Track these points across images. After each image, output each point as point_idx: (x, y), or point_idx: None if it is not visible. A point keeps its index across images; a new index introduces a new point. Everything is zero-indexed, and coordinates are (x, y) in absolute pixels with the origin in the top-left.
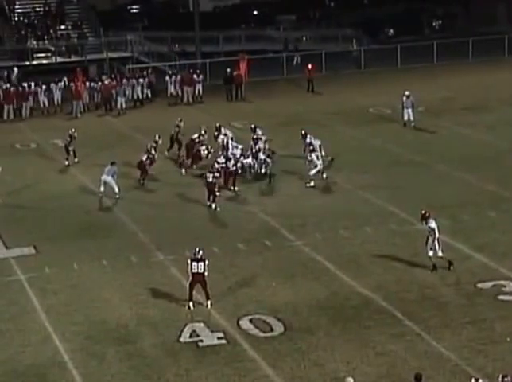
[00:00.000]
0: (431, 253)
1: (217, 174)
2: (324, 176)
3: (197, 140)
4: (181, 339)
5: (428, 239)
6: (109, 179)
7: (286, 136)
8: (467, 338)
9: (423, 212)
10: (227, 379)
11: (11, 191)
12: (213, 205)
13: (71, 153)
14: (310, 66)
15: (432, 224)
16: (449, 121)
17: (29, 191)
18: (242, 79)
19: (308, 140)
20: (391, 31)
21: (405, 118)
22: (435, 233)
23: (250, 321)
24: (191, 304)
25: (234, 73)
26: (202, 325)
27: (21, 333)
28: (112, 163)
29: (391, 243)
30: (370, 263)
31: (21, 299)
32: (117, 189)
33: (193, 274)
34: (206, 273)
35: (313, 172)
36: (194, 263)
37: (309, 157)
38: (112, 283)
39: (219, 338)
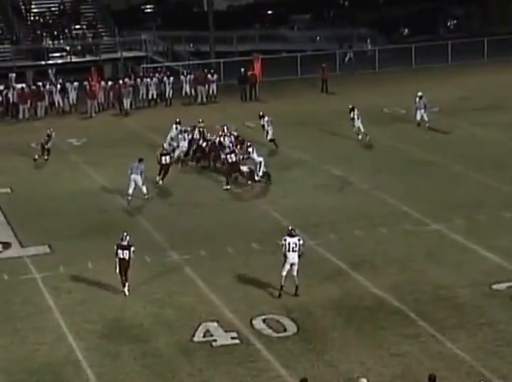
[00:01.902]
0: (283, 272)
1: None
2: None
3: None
4: (195, 338)
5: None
6: (138, 178)
7: (300, 136)
8: (483, 339)
9: (290, 228)
10: (240, 379)
11: (26, 190)
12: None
13: (46, 151)
14: (323, 66)
15: (291, 240)
16: (464, 121)
17: (44, 190)
18: (256, 79)
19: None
20: (406, 31)
21: (418, 118)
22: (284, 249)
23: (264, 321)
24: (125, 289)
25: (249, 73)
26: (216, 324)
27: (35, 331)
28: (140, 160)
29: (406, 243)
30: (385, 264)
31: (36, 298)
32: (145, 190)
33: (119, 259)
34: (131, 260)
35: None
36: (119, 250)
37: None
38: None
39: (232, 338)
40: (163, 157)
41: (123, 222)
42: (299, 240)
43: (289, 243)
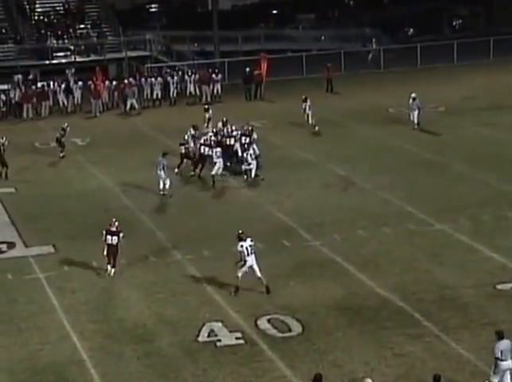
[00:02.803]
0: (239, 274)
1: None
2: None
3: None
4: (199, 338)
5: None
6: (163, 174)
7: (304, 136)
8: (487, 339)
9: (240, 232)
10: (245, 379)
11: (31, 189)
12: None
13: (63, 145)
14: (329, 66)
15: (245, 244)
16: (469, 121)
17: (48, 190)
18: (262, 78)
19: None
20: (411, 30)
21: (412, 119)
22: (244, 255)
23: (268, 321)
24: (109, 267)
25: (255, 72)
26: (220, 324)
27: (39, 331)
28: (164, 154)
29: (410, 243)
30: (389, 264)
31: (40, 298)
32: (168, 185)
33: (108, 245)
34: (119, 245)
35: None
36: (108, 236)
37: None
38: (130, 282)
39: (236, 338)
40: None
41: (127, 221)
42: (251, 241)
43: (247, 248)
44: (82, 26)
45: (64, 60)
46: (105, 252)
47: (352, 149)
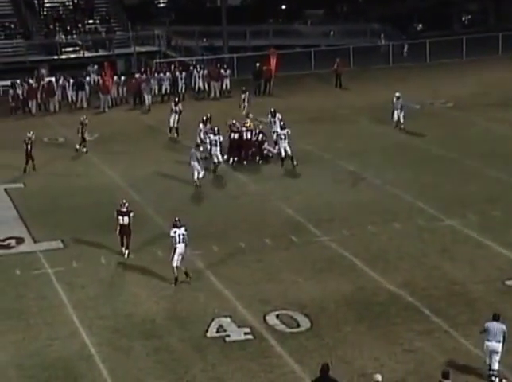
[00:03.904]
0: (174, 264)
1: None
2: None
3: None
4: (208, 334)
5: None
6: (196, 164)
7: (313, 131)
8: None
9: (176, 218)
10: (253, 374)
11: (39, 185)
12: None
13: (85, 139)
14: (338, 61)
15: (179, 231)
16: (478, 116)
17: (56, 185)
18: (271, 74)
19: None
20: (420, 26)
21: (395, 119)
22: (175, 241)
23: (277, 316)
24: (123, 249)
25: (264, 68)
26: (229, 320)
27: (48, 326)
28: (196, 146)
29: (419, 239)
30: (398, 259)
31: (49, 293)
32: (201, 175)
33: (120, 225)
34: (131, 225)
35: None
36: (120, 217)
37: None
38: (139, 278)
39: (245, 333)
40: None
41: (136, 217)
42: (185, 230)
43: (179, 235)
44: (91, 21)
45: (72, 56)
46: (117, 231)
47: (362, 144)
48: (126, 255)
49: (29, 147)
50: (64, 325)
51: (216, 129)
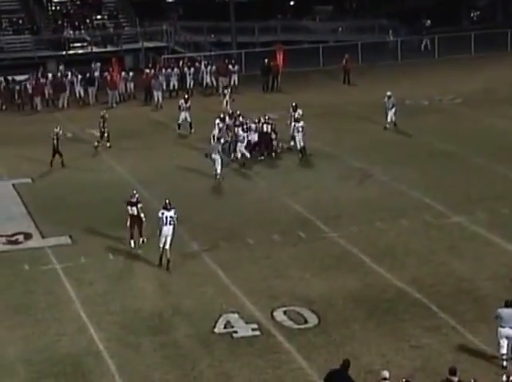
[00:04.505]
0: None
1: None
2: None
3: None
4: (215, 330)
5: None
6: (218, 158)
7: (321, 128)
8: None
9: (166, 201)
10: (261, 370)
11: (47, 181)
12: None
13: (106, 135)
14: (347, 57)
15: (167, 213)
16: (487, 113)
17: (65, 181)
18: (278, 69)
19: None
20: (428, 22)
21: (388, 119)
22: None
23: (285, 312)
24: (131, 242)
25: (271, 64)
26: (236, 316)
27: (56, 322)
28: (218, 139)
29: (427, 235)
30: (406, 256)
31: (57, 289)
32: (219, 170)
33: (130, 215)
34: (142, 215)
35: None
36: (128, 207)
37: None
38: (147, 273)
39: (253, 330)
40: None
41: (144, 212)
42: (175, 213)
43: (166, 217)
44: (99, 17)
45: (80, 51)
46: (128, 223)
47: (369, 140)
48: (141, 242)
49: (55, 142)
50: (72, 321)
51: (247, 126)
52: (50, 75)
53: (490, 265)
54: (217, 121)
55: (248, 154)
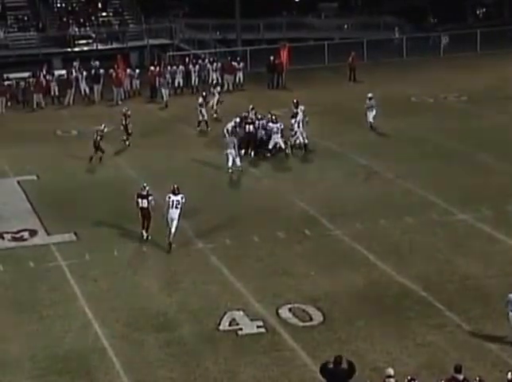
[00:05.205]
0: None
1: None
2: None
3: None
4: (220, 327)
5: None
6: (233, 152)
7: (326, 125)
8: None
9: (175, 186)
10: (266, 368)
11: (52, 177)
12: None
13: (130, 131)
14: (353, 54)
15: (174, 197)
16: (492, 110)
17: (70, 177)
18: (282, 67)
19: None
20: (434, 19)
21: (369, 120)
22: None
23: (290, 310)
24: (144, 232)
25: (276, 61)
26: (241, 313)
27: (61, 319)
28: (234, 134)
29: (432, 233)
30: (411, 253)
31: (62, 285)
32: (238, 163)
33: (140, 208)
34: (150, 208)
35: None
36: (139, 199)
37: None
38: (152, 270)
39: (258, 327)
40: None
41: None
42: (182, 198)
43: (173, 201)
44: (104, 14)
45: (86, 48)
46: (139, 215)
47: (375, 138)
48: (145, 237)
49: (98, 139)
50: (77, 318)
51: (274, 117)
52: (56, 72)
53: (496, 262)
54: (237, 119)
55: (283, 145)
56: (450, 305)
